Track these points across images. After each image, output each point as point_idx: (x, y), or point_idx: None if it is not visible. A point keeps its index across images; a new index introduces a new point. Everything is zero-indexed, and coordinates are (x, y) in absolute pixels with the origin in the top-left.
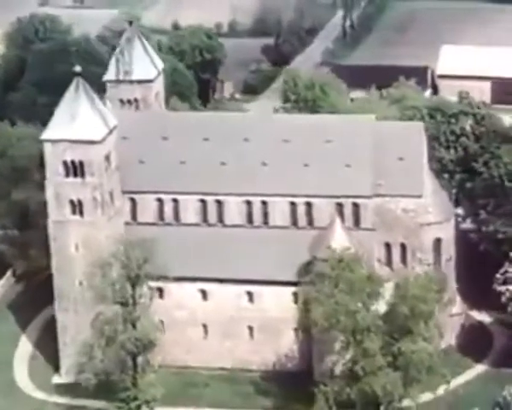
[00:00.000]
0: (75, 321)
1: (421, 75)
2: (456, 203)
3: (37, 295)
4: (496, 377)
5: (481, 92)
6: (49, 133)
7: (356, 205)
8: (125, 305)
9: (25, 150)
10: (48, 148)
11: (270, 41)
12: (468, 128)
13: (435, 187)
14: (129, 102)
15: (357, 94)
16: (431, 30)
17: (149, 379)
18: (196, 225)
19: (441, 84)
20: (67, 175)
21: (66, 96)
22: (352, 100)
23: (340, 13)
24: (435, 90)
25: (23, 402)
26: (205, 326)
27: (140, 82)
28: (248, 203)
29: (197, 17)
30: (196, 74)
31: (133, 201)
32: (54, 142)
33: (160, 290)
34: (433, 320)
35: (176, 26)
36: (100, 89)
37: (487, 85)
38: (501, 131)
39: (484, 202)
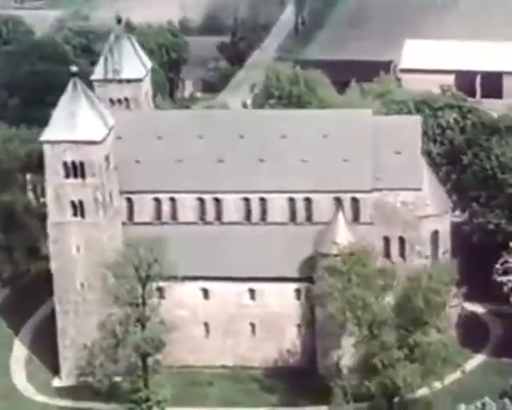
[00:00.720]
0: (75, 323)
1: (384, 70)
2: None
3: (25, 299)
4: (496, 367)
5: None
6: (48, 134)
7: (355, 200)
8: (136, 305)
9: (9, 153)
10: (47, 149)
11: (224, 38)
12: (451, 121)
13: (432, 180)
14: (119, 101)
15: None
16: (384, 24)
17: (160, 380)
18: (194, 223)
19: (404, 78)
20: (68, 176)
21: (65, 97)
22: None
23: (288, 9)
24: (398, 84)
25: (25, 406)
26: (206, 325)
27: (129, 81)
28: (246, 200)
29: (147, 15)
30: (165, 73)
31: (130, 201)
32: (54, 143)
33: (161, 290)
34: (445, 312)
35: (128, 25)
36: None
37: (451, 79)
38: (489, 123)
39: (475, 194)
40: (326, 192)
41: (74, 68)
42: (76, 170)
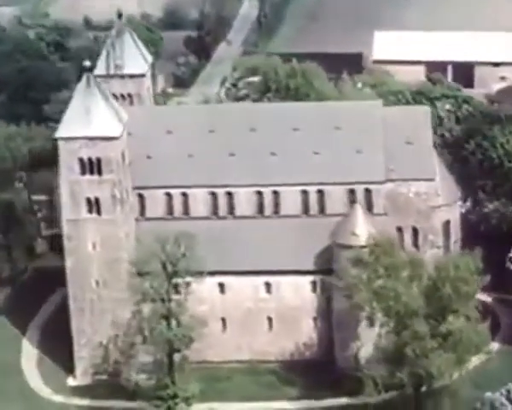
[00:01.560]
0: (91, 322)
1: (354, 62)
2: None
3: (26, 297)
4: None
5: (416, 76)
6: (63, 131)
7: (368, 191)
8: (162, 301)
9: (11, 150)
10: (62, 145)
11: (187, 33)
12: (450, 111)
13: (442, 169)
14: (122, 96)
15: None
16: (346, 16)
17: (187, 376)
18: (206, 218)
19: (375, 69)
20: (83, 173)
21: (78, 92)
22: None
23: (246, 2)
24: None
25: (43, 407)
26: (223, 320)
27: (132, 76)
28: (259, 194)
29: (107, 11)
30: None
31: (141, 196)
32: (69, 139)
33: (176, 286)
34: (474, 300)
35: (87, 21)
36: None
37: (421, 69)
38: (487, 113)
39: (481, 183)
40: (339, 184)
41: (88, 63)
42: (92, 166)
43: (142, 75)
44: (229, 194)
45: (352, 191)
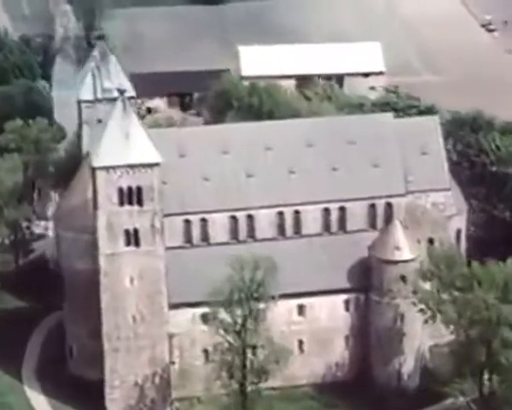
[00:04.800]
0: (126, 361)
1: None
2: None
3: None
4: None
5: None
6: (102, 159)
7: (389, 204)
8: (239, 332)
9: None
10: (101, 175)
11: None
12: None
13: (451, 179)
14: None
15: (156, 103)
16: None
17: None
18: (226, 243)
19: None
20: (122, 203)
21: (114, 118)
22: (149, 109)
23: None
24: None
25: None
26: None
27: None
28: (280, 214)
29: None
30: None
31: None
32: (109, 168)
33: (205, 316)
34: None
35: None
36: None
37: (292, 83)
38: (461, 120)
39: (474, 191)
40: (361, 200)
41: (123, 87)
42: (131, 196)
43: (133, 97)
44: (250, 216)
45: (372, 206)
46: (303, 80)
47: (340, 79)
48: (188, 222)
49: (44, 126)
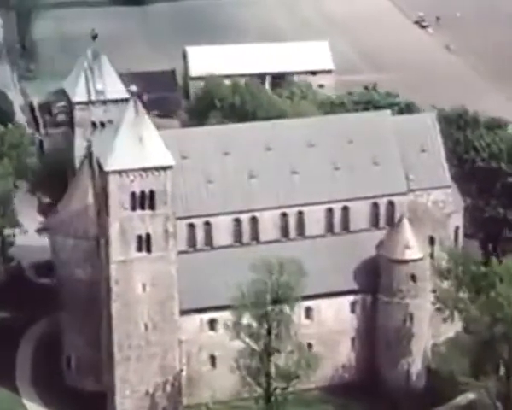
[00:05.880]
0: (137, 370)
1: (168, 79)
2: None
3: None
4: None
5: None
6: (115, 163)
7: (391, 203)
8: (263, 337)
9: None
10: (114, 180)
11: None
12: None
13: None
14: (102, 124)
15: None
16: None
17: None
18: (230, 246)
19: (192, 85)
20: (134, 208)
21: (126, 121)
22: None
23: None
24: (187, 92)
25: None
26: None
27: (115, 102)
28: (284, 216)
29: None
30: None
31: None
32: (122, 172)
33: (212, 322)
34: None
35: None
36: None
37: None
38: (447, 118)
39: (465, 187)
40: (364, 199)
41: (134, 88)
42: (143, 200)
43: (126, 100)
44: (254, 218)
45: (375, 205)
46: (251, 79)
47: (289, 76)
48: (192, 226)
49: (23, 131)
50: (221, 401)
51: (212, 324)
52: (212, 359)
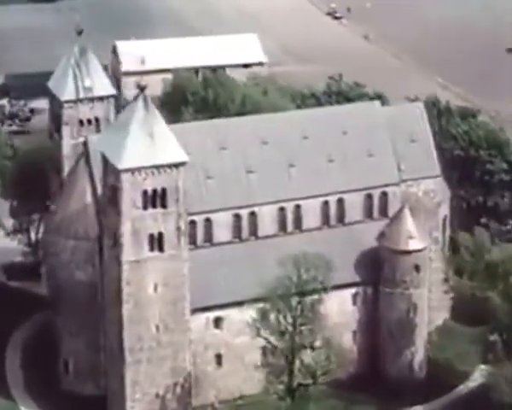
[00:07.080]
0: (148, 373)
1: None
2: None
3: None
4: None
5: None
6: (127, 161)
7: (385, 194)
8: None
9: None
10: (127, 178)
11: None
12: None
13: None
14: (89, 121)
15: (41, 103)
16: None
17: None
18: (230, 242)
19: (124, 81)
20: (146, 207)
21: (136, 117)
22: (31, 110)
23: None
24: (118, 87)
25: None
26: (263, 349)
27: (102, 98)
28: (282, 210)
29: None
30: None
31: None
32: (135, 170)
33: (217, 320)
34: None
35: None
36: None
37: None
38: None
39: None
40: (358, 190)
41: (143, 83)
42: (155, 199)
43: (113, 96)
44: (253, 213)
45: (369, 196)
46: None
47: (221, 70)
48: (193, 223)
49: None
50: (226, 400)
51: (218, 322)
52: (218, 358)
